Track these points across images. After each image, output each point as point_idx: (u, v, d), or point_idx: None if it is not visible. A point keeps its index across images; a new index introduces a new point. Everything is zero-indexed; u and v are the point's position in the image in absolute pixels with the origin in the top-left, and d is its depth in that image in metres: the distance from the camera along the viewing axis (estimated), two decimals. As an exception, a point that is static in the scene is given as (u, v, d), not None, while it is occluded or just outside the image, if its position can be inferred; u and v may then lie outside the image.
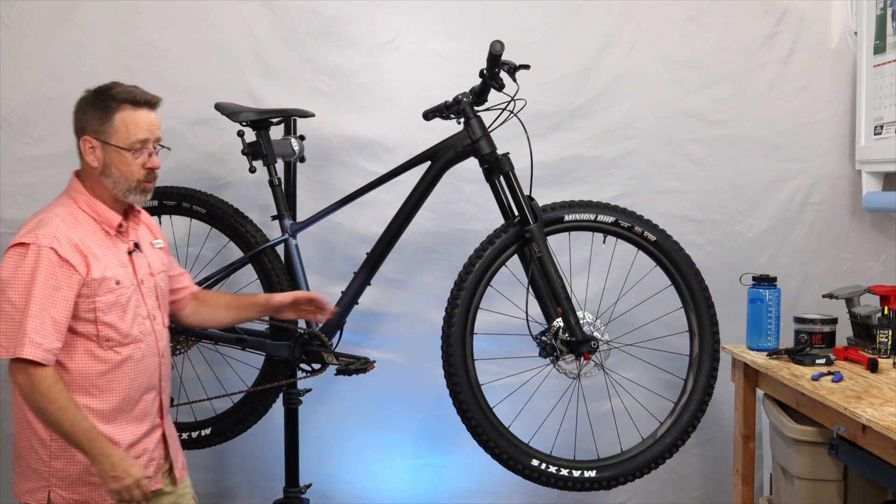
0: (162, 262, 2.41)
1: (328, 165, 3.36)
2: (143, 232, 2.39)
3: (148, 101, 2.26)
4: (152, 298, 2.33)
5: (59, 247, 2.12)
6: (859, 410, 2.15)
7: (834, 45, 3.40)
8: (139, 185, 2.25)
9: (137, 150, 2.23)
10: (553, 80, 3.34)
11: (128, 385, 2.24)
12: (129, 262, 2.27)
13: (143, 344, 2.27)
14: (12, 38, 3.32)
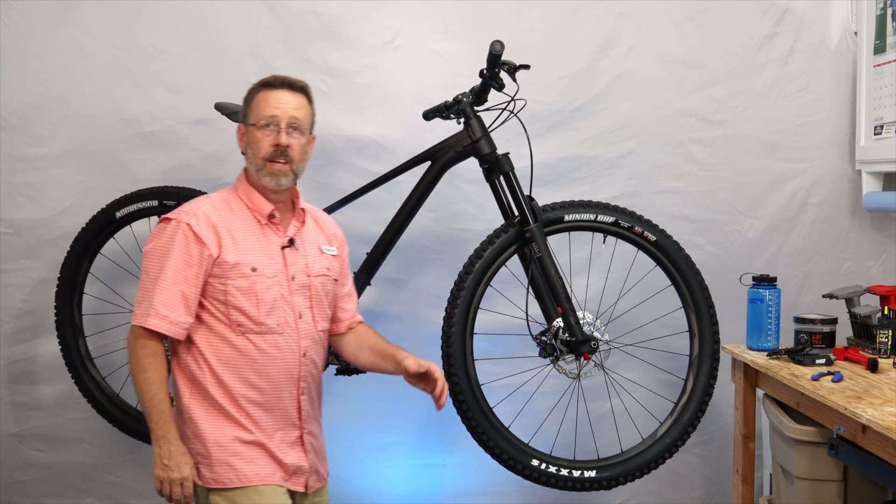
0: (328, 268, 2.36)
1: (328, 165, 3.36)
2: (313, 233, 2.36)
3: (284, 83, 2.28)
4: (302, 297, 2.28)
5: (195, 224, 2.19)
6: (859, 410, 2.15)
7: (834, 45, 3.40)
8: (265, 163, 2.23)
9: (265, 125, 2.23)
10: (553, 80, 3.34)
11: (260, 375, 2.21)
12: (279, 255, 2.25)
13: (281, 338, 2.23)
14: (12, 38, 3.32)
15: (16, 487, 3.46)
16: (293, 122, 2.25)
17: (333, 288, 2.38)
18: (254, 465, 2.22)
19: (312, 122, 2.36)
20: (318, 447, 2.36)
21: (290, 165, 2.25)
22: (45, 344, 3.38)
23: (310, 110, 2.33)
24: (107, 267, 3.26)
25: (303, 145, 2.29)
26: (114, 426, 3.12)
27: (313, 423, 2.34)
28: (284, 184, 2.26)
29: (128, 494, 3.48)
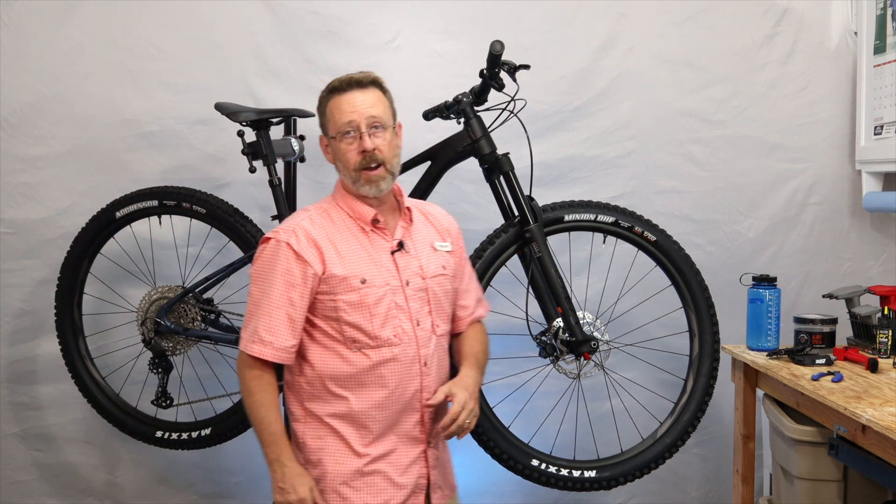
0: (443, 266, 2.22)
1: (328, 165, 3.34)
2: (422, 232, 2.23)
3: (352, 83, 2.13)
4: (419, 302, 2.15)
5: (295, 242, 2.08)
6: (859, 410, 2.15)
7: (834, 45, 3.40)
8: (358, 173, 2.11)
9: (346, 134, 2.11)
10: (553, 80, 3.34)
11: (378, 392, 2.10)
12: (390, 261, 2.13)
13: (399, 349, 2.11)
14: (12, 38, 3.33)
15: (16, 487, 3.47)
16: (373, 121, 2.11)
17: (453, 286, 2.24)
18: (363, 494, 2.12)
19: (393, 111, 2.20)
20: (443, 460, 2.24)
21: (383, 167, 2.12)
22: (45, 344, 3.38)
23: (386, 101, 2.18)
24: (107, 267, 3.26)
25: (389, 141, 2.14)
26: (114, 426, 3.12)
27: (438, 436, 2.20)
28: (385, 188, 2.14)
29: (128, 494, 3.48)
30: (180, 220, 3.15)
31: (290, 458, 2.08)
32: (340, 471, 2.11)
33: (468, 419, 2.10)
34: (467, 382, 2.15)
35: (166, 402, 3.01)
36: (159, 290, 3.01)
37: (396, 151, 2.17)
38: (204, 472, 3.48)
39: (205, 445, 3.04)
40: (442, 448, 2.25)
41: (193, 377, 3.25)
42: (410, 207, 2.23)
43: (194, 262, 3.21)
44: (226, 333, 2.97)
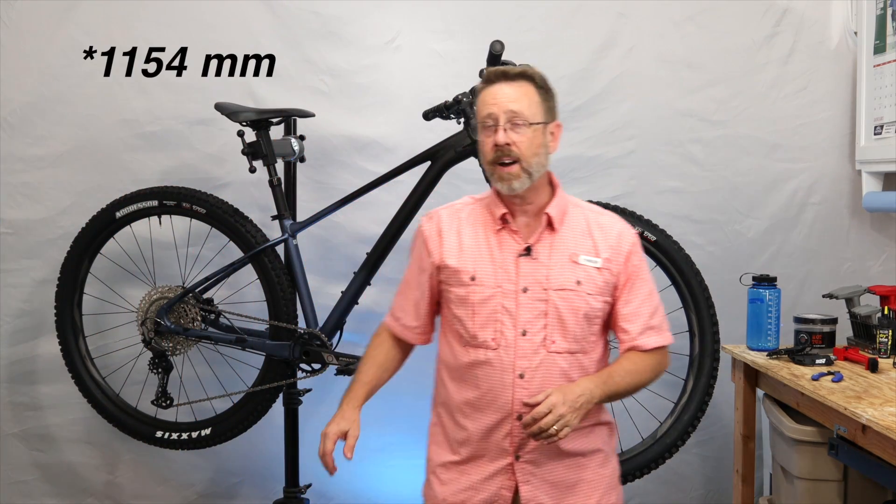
0: (577, 281, 2.02)
1: (328, 165, 3.36)
2: (569, 241, 2.05)
3: (500, 75, 2.03)
4: (533, 312, 2.00)
5: (426, 228, 2.12)
6: (859, 410, 2.15)
7: (834, 45, 3.40)
8: (492, 167, 2.00)
9: (487, 126, 2.01)
10: (553, 80, 3.31)
11: (471, 392, 2.04)
12: (513, 264, 2.02)
13: (494, 354, 2.00)
14: (12, 38, 3.33)
15: (16, 487, 3.47)
16: (512, 115, 1.98)
17: (592, 304, 2.03)
18: (446, 489, 2.09)
19: (546, 107, 2.03)
20: (552, 479, 2.05)
21: (518, 165, 1.98)
22: (45, 344, 3.39)
23: (536, 97, 2.01)
24: (107, 267, 3.26)
25: (530, 139, 1.98)
26: (114, 426, 3.12)
27: (544, 453, 2.03)
28: (518, 187, 1.99)
29: (128, 494, 3.49)
30: (180, 220, 3.15)
31: (347, 401, 2.16)
32: (436, 459, 2.14)
33: (554, 425, 1.89)
34: (571, 389, 1.94)
35: (166, 402, 3.01)
36: (159, 290, 3.01)
37: (538, 150, 1.99)
38: (204, 472, 3.48)
39: (205, 445, 3.04)
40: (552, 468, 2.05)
41: (193, 377, 3.25)
42: (551, 215, 2.05)
43: (194, 262, 3.21)
44: (226, 333, 2.97)
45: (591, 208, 2.13)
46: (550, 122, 2.04)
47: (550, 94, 2.06)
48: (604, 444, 2.11)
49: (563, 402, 1.90)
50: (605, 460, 2.12)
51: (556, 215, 2.04)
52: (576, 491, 2.07)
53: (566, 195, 2.10)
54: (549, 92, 2.06)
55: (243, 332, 2.97)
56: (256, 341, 2.93)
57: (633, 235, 2.10)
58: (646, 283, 2.08)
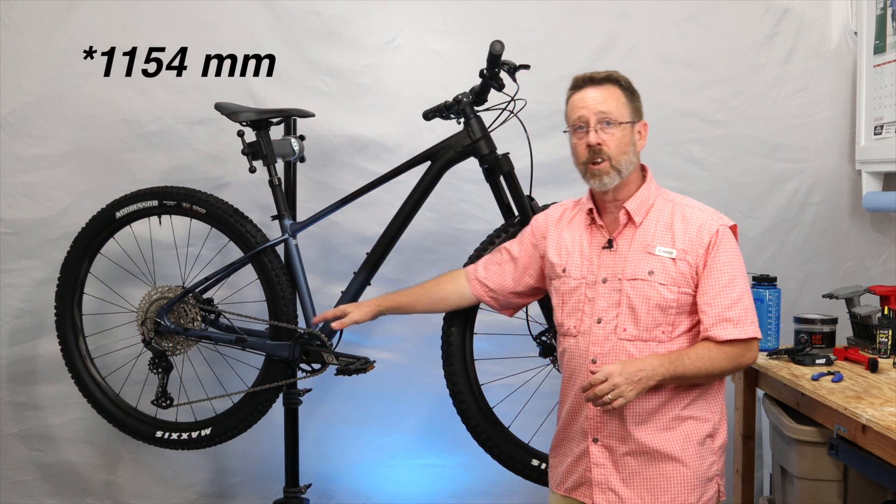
0: (650, 272, 2.11)
1: (328, 165, 3.36)
2: (648, 234, 2.15)
3: (586, 80, 2.17)
4: (609, 301, 2.14)
5: (540, 220, 2.38)
6: (859, 410, 2.15)
7: (834, 45, 3.40)
8: (584, 166, 2.17)
9: (577, 129, 2.16)
10: (553, 80, 3.30)
11: (565, 376, 2.25)
12: (597, 256, 2.18)
13: (574, 340, 2.18)
14: (12, 38, 3.33)
15: (16, 487, 3.47)
16: (602, 117, 2.13)
17: (664, 294, 2.11)
18: (552, 471, 2.32)
19: (632, 108, 2.17)
20: (625, 467, 2.13)
21: (608, 163, 2.13)
22: (45, 344, 3.39)
23: (622, 98, 2.16)
24: (107, 267, 3.26)
25: (619, 138, 2.13)
26: (114, 426, 3.12)
27: (620, 438, 2.13)
28: (608, 183, 2.14)
29: (128, 494, 3.49)
30: (180, 220, 3.15)
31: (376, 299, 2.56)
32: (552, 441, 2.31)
33: (607, 393, 1.97)
34: (633, 362, 2.03)
35: (166, 402, 3.01)
36: (159, 290, 3.01)
37: (626, 149, 2.14)
38: (204, 472, 3.49)
39: (205, 445, 3.04)
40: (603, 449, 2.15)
41: (193, 377, 3.25)
42: (629, 210, 2.16)
43: (194, 262, 3.21)
44: (226, 333, 2.97)
45: (682, 202, 2.21)
46: (637, 121, 2.19)
47: (636, 96, 2.20)
48: (685, 444, 2.13)
49: (620, 372, 1.99)
50: (686, 465, 2.13)
51: (635, 209, 2.17)
52: (648, 483, 2.13)
53: (657, 189, 2.22)
54: (635, 93, 2.20)
55: (243, 332, 2.96)
56: (256, 341, 2.93)
57: (718, 227, 2.13)
58: (726, 274, 2.12)
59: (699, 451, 2.15)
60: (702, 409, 2.17)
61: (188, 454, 3.32)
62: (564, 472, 2.24)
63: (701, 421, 2.16)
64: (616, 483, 2.15)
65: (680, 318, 2.14)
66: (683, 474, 2.13)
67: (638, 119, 2.19)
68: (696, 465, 2.14)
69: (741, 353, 2.12)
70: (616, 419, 2.13)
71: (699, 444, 2.15)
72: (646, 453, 2.13)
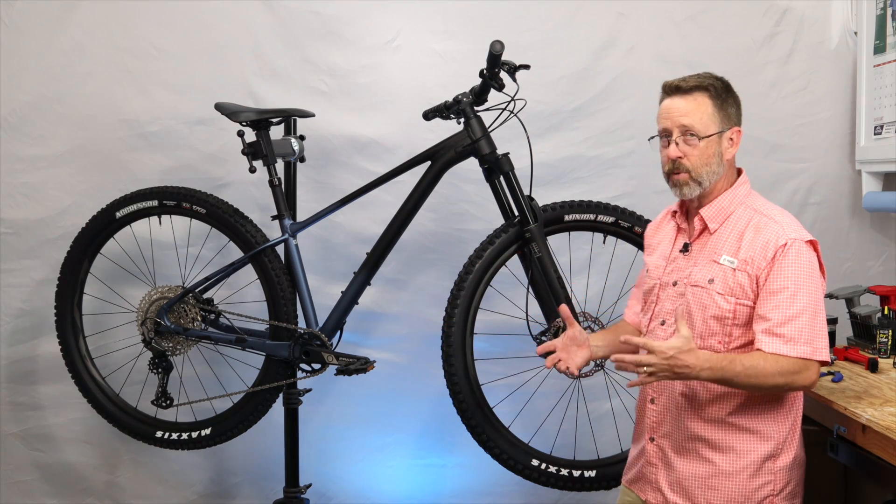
0: (710, 280, 2.09)
1: (328, 165, 3.36)
2: (721, 242, 2.13)
3: (673, 88, 2.16)
4: (672, 304, 2.16)
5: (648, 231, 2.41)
6: (859, 410, 2.15)
7: (834, 45, 3.40)
8: (667, 176, 2.18)
9: (662, 137, 2.17)
10: (553, 80, 3.34)
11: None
12: (675, 259, 2.22)
13: (643, 339, 2.08)
14: (12, 38, 3.33)
15: (16, 487, 3.47)
16: (685, 129, 2.11)
17: (720, 303, 2.08)
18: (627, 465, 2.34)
19: (721, 116, 2.15)
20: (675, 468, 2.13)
21: (688, 175, 2.12)
22: (45, 344, 3.39)
23: (710, 108, 2.13)
24: (107, 267, 3.26)
25: (702, 150, 2.11)
26: (114, 426, 3.12)
27: (674, 439, 2.13)
28: (688, 193, 2.15)
29: (128, 494, 3.49)
30: (180, 220, 3.15)
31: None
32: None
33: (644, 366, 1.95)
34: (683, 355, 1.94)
35: (166, 402, 3.01)
36: (159, 290, 3.01)
37: (709, 161, 2.12)
38: (204, 472, 3.48)
39: (205, 445, 3.04)
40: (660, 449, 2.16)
41: (193, 377, 3.25)
42: (704, 216, 2.16)
43: (194, 262, 3.21)
44: (226, 333, 2.97)
45: (764, 211, 2.14)
46: (727, 129, 2.16)
47: (728, 102, 2.17)
48: (737, 458, 2.08)
49: (663, 355, 1.93)
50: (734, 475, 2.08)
51: (710, 216, 2.16)
52: (692, 492, 2.10)
53: (744, 196, 2.17)
54: (727, 100, 2.17)
55: (243, 332, 2.96)
56: (256, 341, 2.93)
57: (787, 240, 2.05)
58: (787, 288, 2.03)
59: (753, 469, 2.08)
60: (766, 424, 2.10)
61: (188, 454, 3.32)
62: (629, 464, 2.32)
63: (761, 437, 2.09)
64: (664, 485, 2.16)
65: (738, 331, 2.09)
66: (729, 490, 2.08)
67: (728, 127, 2.16)
68: (745, 482, 2.08)
69: (795, 370, 2.00)
70: (672, 420, 2.13)
71: (754, 461, 2.08)
72: (696, 460, 2.11)
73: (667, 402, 2.15)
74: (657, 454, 2.18)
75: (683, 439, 2.13)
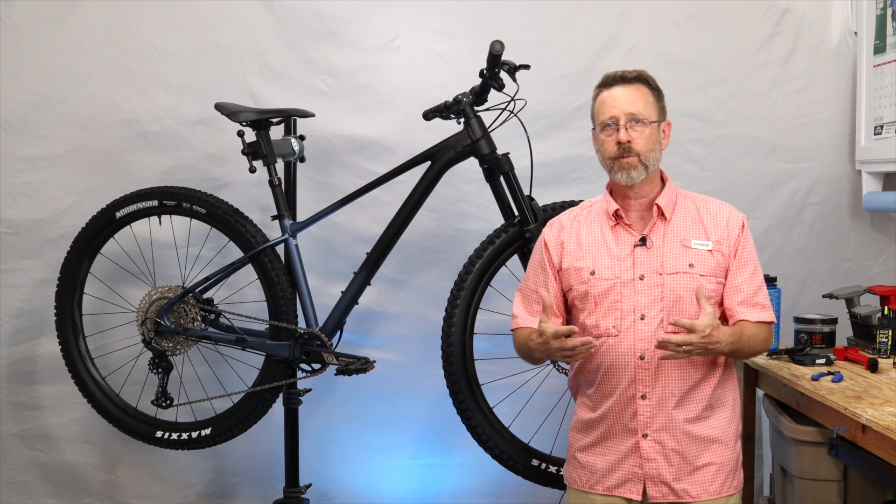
0: (689, 264, 2.17)
1: (328, 165, 3.36)
2: (680, 229, 2.21)
3: (617, 79, 2.22)
4: (648, 297, 2.16)
5: (547, 233, 2.32)
6: (859, 410, 2.15)
7: (834, 45, 3.40)
8: (612, 161, 2.18)
9: (607, 126, 2.19)
10: (553, 80, 3.34)
11: (596, 379, 2.20)
12: (629, 255, 2.19)
13: (615, 340, 2.16)
14: (12, 38, 3.33)
15: (16, 487, 3.47)
16: (631, 116, 2.17)
17: (706, 285, 2.17)
18: (582, 472, 2.25)
19: (659, 107, 2.23)
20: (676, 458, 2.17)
21: (637, 158, 2.17)
22: (45, 344, 3.39)
23: (651, 98, 2.21)
24: (107, 267, 3.26)
25: (647, 136, 2.18)
26: (114, 426, 3.12)
27: (669, 431, 2.16)
28: (636, 177, 2.18)
29: (128, 494, 3.49)
30: (180, 220, 3.15)
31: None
32: (575, 444, 2.28)
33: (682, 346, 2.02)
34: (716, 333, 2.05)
35: (166, 402, 3.01)
36: (159, 290, 3.01)
37: (655, 147, 2.20)
38: (204, 472, 3.48)
39: (205, 445, 3.04)
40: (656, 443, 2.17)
41: (193, 377, 3.25)
42: (661, 205, 2.22)
43: (194, 262, 3.21)
44: (225, 333, 2.97)
45: (700, 198, 2.30)
46: (662, 120, 2.25)
47: (662, 95, 2.26)
48: (725, 429, 2.21)
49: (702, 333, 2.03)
50: (726, 445, 2.21)
51: (666, 205, 2.22)
52: (699, 471, 2.18)
53: (675, 188, 2.29)
54: (661, 93, 2.26)
55: (243, 332, 2.97)
56: (256, 341, 2.93)
57: (741, 220, 2.26)
58: (751, 263, 2.24)
59: (733, 434, 2.24)
60: (727, 392, 2.24)
61: (188, 454, 3.32)
62: (605, 470, 2.21)
63: (729, 406, 2.24)
64: (668, 476, 2.17)
65: (717, 311, 2.19)
66: (727, 458, 2.21)
67: (663, 118, 2.25)
68: (734, 448, 2.24)
69: (769, 334, 2.25)
70: (665, 414, 2.16)
71: (730, 427, 2.23)
72: (694, 442, 2.18)
73: (662, 394, 2.16)
74: (655, 449, 2.17)
75: (678, 429, 2.17)
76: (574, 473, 2.28)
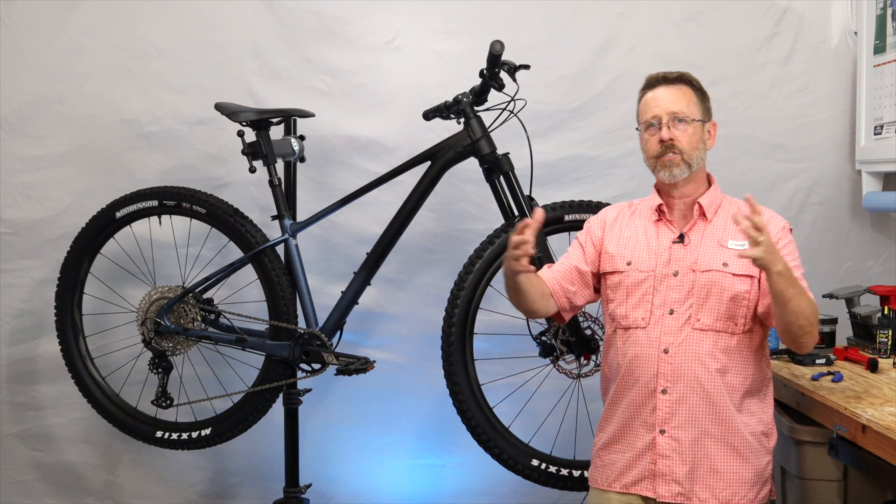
0: (724, 263, 2.17)
1: (328, 165, 3.36)
2: (720, 229, 2.23)
3: (659, 80, 2.25)
4: (680, 292, 2.17)
5: (594, 219, 2.39)
6: (859, 410, 2.15)
7: (834, 45, 3.40)
8: (655, 160, 2.21)
9: (650, 125, 2.22)
10: (553, 80, 3.34)
11: (618, 368, 2.22)
12: (667, 251, 2.22)
13: (643, 333, 2.18)
14: (12, 38, 3.33)
15: (16, 487, 3.47)
16: (674, 115, 2.20)
17: (738, 286, 2.16)
18: (602, 470, 2.25)
19: (703, 108, 2.25)
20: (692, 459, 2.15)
21: (680, 156, 2.20)
22: (45, 344, 3.39)
23: (694, 98, 2.24)
24: (107, 267, 3.26)
25: (691, 134, 2.21)
26: (114, 426, 3.12)
27: (686, 429, 2.15)
28: (678, 175, 2.20)
29: (128, 494, 3.49)
30: (180, 220, 3.15)
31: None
32: (597, 441, 2.29)
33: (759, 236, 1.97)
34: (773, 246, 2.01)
35: (166, 402, 3.01)
36: (159, 290, 3.01)
37: (699, 145, 2.22)
38: (204, 472, 3.48)
39: (205, 445, 3.04)
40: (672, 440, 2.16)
41: (193, 377, 3.25)
42: (703, 204, 2.24)
43: (194, 262, 3.21)
44: (226, 333, 2.97)
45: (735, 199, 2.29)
46: (707, 120, 2.26)
47: (706, 96, 2.28)
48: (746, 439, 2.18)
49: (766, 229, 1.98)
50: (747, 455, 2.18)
51: (708, 205, 2.25)
52: (711, 476, 2.15)
53: (722, 193, 2.31)
54: (705, 94, 2.28)
55: (243, 332, 2.97)
56: (256, 341, 2.93)
57: (783, 223, 2.26)
58: (798, 269, 2.17)
59: (758, 448, 2.20)
60: (758, 406, 2.23)
61: (188, 454, 3.31)
62: (623, 468, 2.20)
63: (757, 418, 2.21)
64: (681, 475, 2.16)
65: (750, 313, 2.18)
66: (745, 469, 2.18)
67: (708, 119, 2.26)
68: (755, 462, 2.20)
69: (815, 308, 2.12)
70: (685, 411, 2.15)
71: (757, 441, 2.20)
72: (711, 445, 2.16)
73: (683, 390, 2.15)
74: (671, 445, 2.16)
75: (697, 427, 2.15)
76: (595, 473, 2.28)
